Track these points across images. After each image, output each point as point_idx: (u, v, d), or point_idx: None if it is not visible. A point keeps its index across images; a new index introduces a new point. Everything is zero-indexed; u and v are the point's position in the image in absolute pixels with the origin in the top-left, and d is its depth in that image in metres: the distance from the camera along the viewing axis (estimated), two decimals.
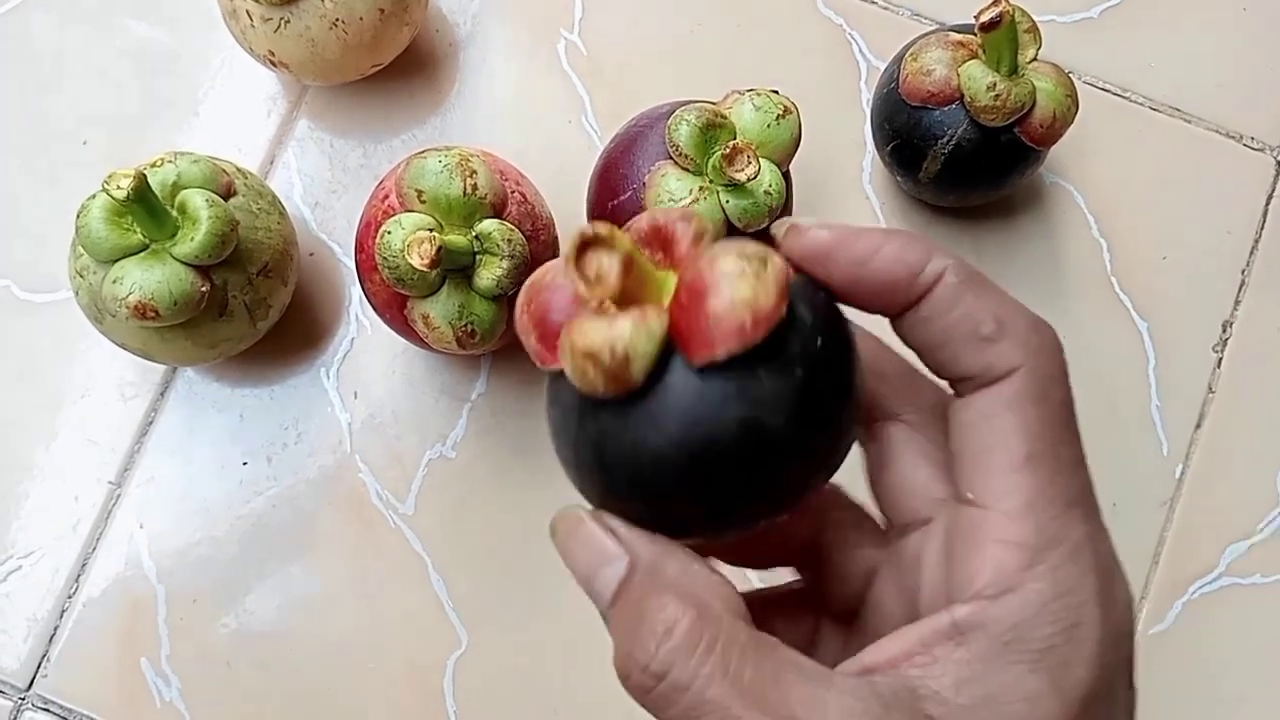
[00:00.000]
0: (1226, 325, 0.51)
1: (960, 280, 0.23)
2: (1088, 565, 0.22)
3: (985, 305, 0.23)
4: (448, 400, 0.49)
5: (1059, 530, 0.22)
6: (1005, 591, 0.22)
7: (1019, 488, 0.22)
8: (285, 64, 0.47)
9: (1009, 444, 0.22)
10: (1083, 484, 0.23)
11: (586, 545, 0.23)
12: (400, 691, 0.47)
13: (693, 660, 0.21)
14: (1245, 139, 0.53)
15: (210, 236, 0.41)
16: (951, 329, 0.23)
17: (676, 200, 0.41)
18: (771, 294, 0.21)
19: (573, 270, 0.21)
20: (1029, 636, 0.21)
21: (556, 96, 0.52)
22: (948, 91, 0.45)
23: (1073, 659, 0.21)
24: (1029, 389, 0.23)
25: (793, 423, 0.22)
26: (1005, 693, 0.21)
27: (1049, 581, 0.22)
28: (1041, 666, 0.21)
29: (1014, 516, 0.22)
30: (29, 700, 0.47)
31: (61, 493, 0.48)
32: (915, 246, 0.23)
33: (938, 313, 0.23)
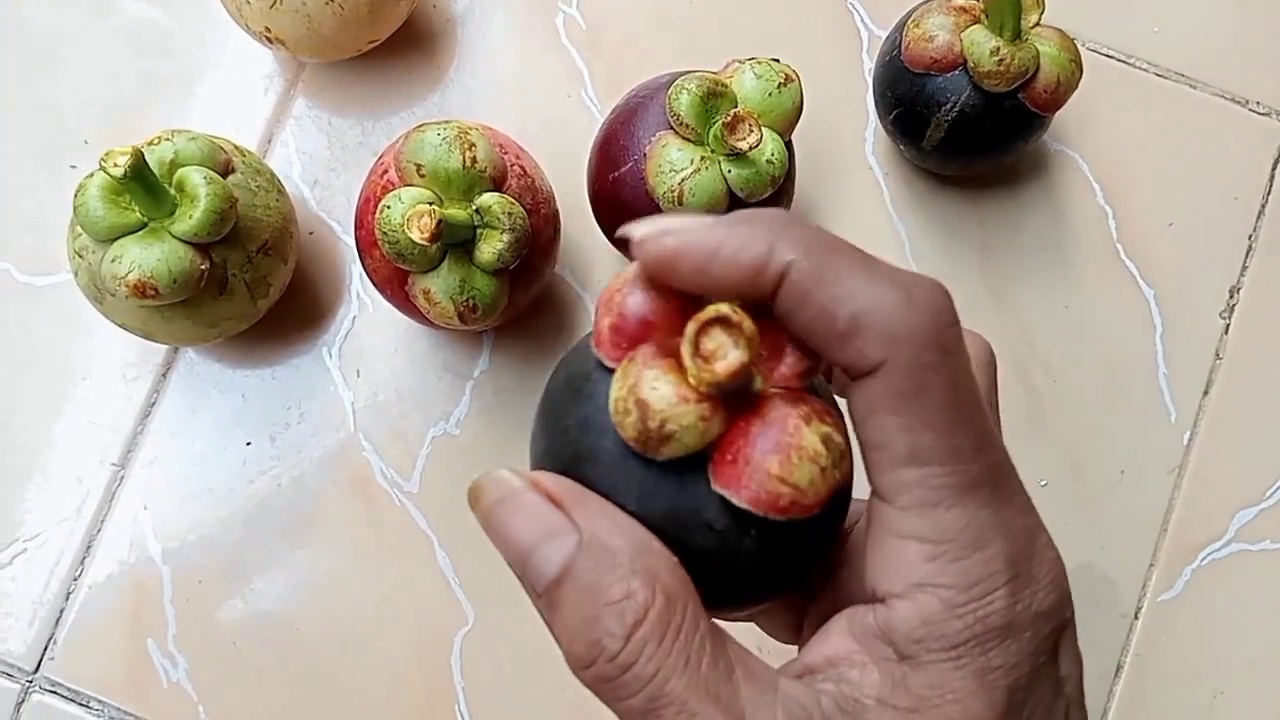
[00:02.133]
0: (1233, 291, 0.51)
1: (809, 270, 0.21)
2: (995, 552, 0.21)
3: (837, 297, 0.20)
4: (451, 377, 0.49)
5: (957, 520, 0.21)
6: (913, 589, 0.21)
7: (909, 483, 0.21)
8: (281, 40, 0.47)
9: (890, 441, 0.21)
10: (984, 466, 0.21)
11: (526, 516, 0.21)
12: (407, 669, 0.47)
13: (659, 650, 0.20)
14: (1251, 104, 0.53)
15: (209, 214, 0.41)
16: (810, 325, 0.21)
17: (678, 171, 0.41)
18: (820, 494, 0.21)
19: (692, 332, 0.20)
20: (943, 634, 0.21)
21: (555, 70, 0.52)
22: (950, 57, 0.44)
23: (991, 650, 0.21)
24: (899, 385, 0.20)
25: (766, 573, 0.22)
26: (934, 693, 0.21)
27: (952, 575, 0.21)
28: (963, 663, 0.20)
29: (909, 512, 0.21)
30: (36, 683, 0.47)
31: (65, 475, 0.48)
32: (756, 240, 0.21)
33: (792, 309, 0.21)
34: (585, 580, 0.21)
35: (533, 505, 0.21)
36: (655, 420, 0.20)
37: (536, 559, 0.21)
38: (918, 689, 0.21)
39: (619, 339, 0.22)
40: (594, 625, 0.20)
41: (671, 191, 0.41)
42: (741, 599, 0.23)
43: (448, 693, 0.47)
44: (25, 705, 0.46)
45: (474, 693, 0.47)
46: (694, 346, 0.20)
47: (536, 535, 0.21)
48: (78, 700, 0.46)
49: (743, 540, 0.21)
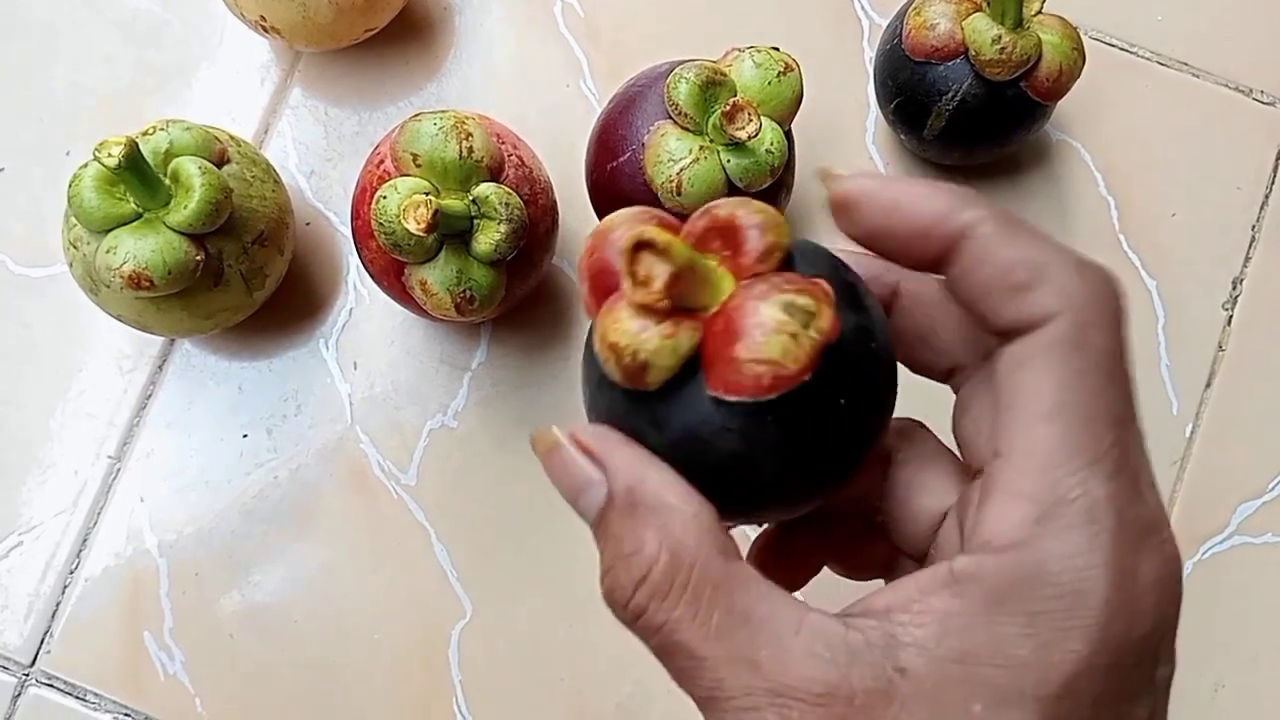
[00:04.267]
0: (1236, 282, 0.51)
1: (995, 230, 0.22)
2: (1104, 528, 0.20)
3: (1021, 253, 0.22)
4: (448, 370, 0.49)
5: (1076, 487, 0.20)
6: (1009, 547, 0.21)
7: (1039, 440, 0.21)
8: (277, 29, 0.46)
9: (1036, 394, 0.21)
10: (1118, 439, 0.21)
11: (565, 470, 0.23)
12: (405, 662, 0.47)
13: (665, 603, 0.21)
14: (1255, 93, 0.52)
15: (203, 204, 0.40)
16: (988, 281, 0.22)
17: (676, 160, 0.40)
18: (800, 360, 0.21)
19: (624, 265, 0.21)
20: (1025, 597, 0.20)
21: (554, 59, 0.52)
22: (952, 46, 0.44)
23: (1069, 630, 0.20)
24: (1063, 336, 0.21)
25: (788, 469, 0.22)
26: (986, 652, 0.20)
27: (1056, 541, 0.20)
28: (1032, 632, 0.20)
29: (1029, 470, 0.21)
30: (33, 676, 0.46)
31: (61, 468, 0.48)
32: (945, 195, 0.22)
33: (973, 265, 0.22)
34: (610, 531, 0.22)
35: (570, 459, 0.23)
36: (628, 356, 0.21)
37: (579, 508, 0.23)
38: (973, 644, 0.20)
39: (594, 300, 0.23)
40: (612, 574, 0.22)
41: (670, 181, 0.40)
42: (788, 495, 0.23)
43: (445, 685, 0.47)
44: (22, 698, 0.46)
45: (471, 685, 0.47)
46: (631, 277, 0.21)
47: (576, 486, 0.23)
48: (74, 693, 0.46)
49: (761, 434, 0.21)
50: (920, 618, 0.21)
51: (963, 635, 0.20)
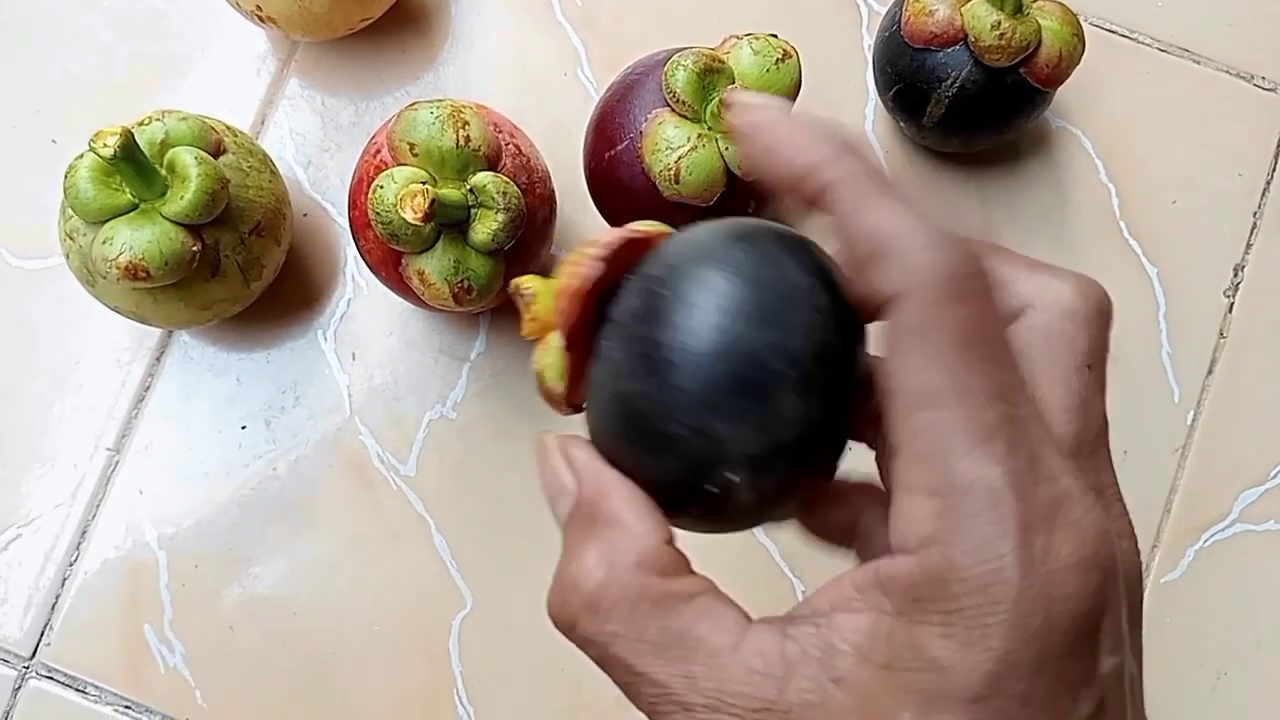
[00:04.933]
0: (1238, 269, 0.50)
1: (851, 195, 0.21)
2: (1006, 512, 0.19)
3: (871, 224, 0.20)
4: (447, 360, 0.49)
5: (968, 471, 0.19)
6: (919, 545, 0.20)
7: (918, 430, 0.20)
8: (273, 19, 0.46)
9: (905, 380, 0.20)
10: (1005, 414, 0.20)
11: (548, 473, 0.24)
12: (405, 653, 0.47)
13: (597, 617, 0.21)
14: (1256, 79, 0.52)
15: (200, 194, 0.40)
16: (842, 250, 0.21)
17: (674, 148, 0.40)
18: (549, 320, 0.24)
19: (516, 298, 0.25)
20: (940, 596, 0.19)
21: (551, 48, 0.51)
22: (951, 32, 0.44)
23: (985, 627, 0.19)
24: (916, 317, 0.20)
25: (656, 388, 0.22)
26: (909, 657, 0.19)
27: (961, 533, 0.19)
28: (950, 632, 0.19)
29: (918, 461, 0.20)
30: (33, 669, 0.46)
31: (60, 460, 0.48)
32: (819, 145, 0.21)
33: (835, 228, 0.21)
34: (566, 539, 0.23)
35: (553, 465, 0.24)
36: (543, 384, 0.24)
37: (554, 513, 0.24)
38: (897, 646, 0.19)
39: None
40: (554, 584, 0.22)
41: (668, 169, 0.40)
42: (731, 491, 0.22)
43: (446, 676, 0.46)
44: (22, 691, 0.46)
45: (472, 676, 0.46)
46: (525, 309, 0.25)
47: (553, 492, 0.24)
48: (74, 686, 0.46)
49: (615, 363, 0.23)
50: (855, 619, 0.20)
51: (889, 641, 0.20)
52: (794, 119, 0.22)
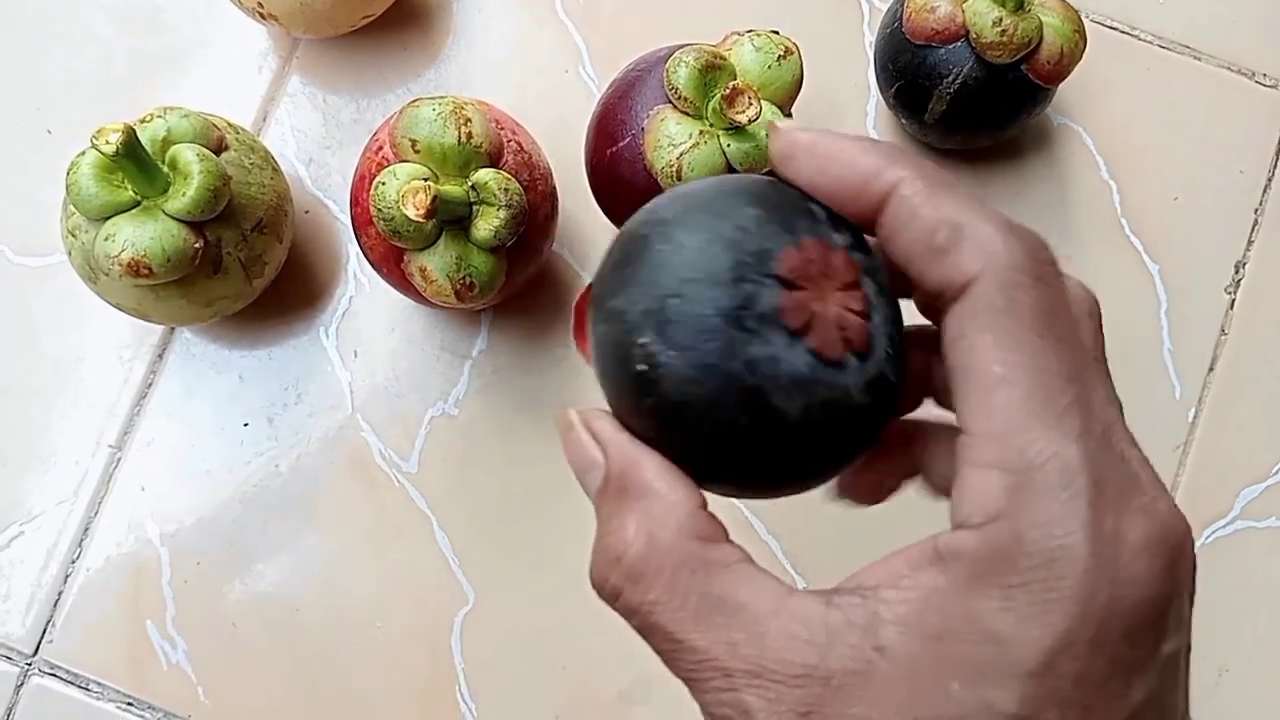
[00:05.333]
0: (1239, 266, 0.50)
1: (917, 190, 0.21)
2: (1079, 491, 0.19)
3: (941, 213, 0.21)
4: (449, 357, 0.49)
5: (1044, 450, 0.19)
6: (987, 521, 0.20)
7: (994, 406, 0.20)
8: (275, 16, 0.46)
9: (978, 361, 0.20)
10: (1077, 395, 0.20)
11: (574, 448, 0.24)
12: (408, 650, 0.47)
13: (640, 586, 0.22)
14: (1257, 76, 0.52)
15: (202, 191, 0.40)
16: (912, 242, 0.21)
17: (676, 145, 0.40)
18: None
19: None
20: (1003, 571, 0.19)
21: (552, 45, 0.51)
22: (952, 28, 0.44)
23: (1047, 603, 0.19)
24: (989, 298, 0.20)
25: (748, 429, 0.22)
26: (964, 629, 0.19)
27: (1031, 510, 0.19)
28: (1010, 606, 0.19)
29: (992, 439, 0.20)
30: (35, 666, 0.46)
31: (62, 457, 0.48)
32: (873, 153, 0.22)
33: (897, 226, 0.22)
34: (601, 512, 0.23)
35: (580, 440, 0.24)
36: None
37: (584, 487, 0.24)
38: (951, 618, 0.19)
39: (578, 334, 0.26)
40: (595, 554, 0.23)
41: (670, 166, 0.40)
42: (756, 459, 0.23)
43: (449, 673, 0.47)
44: (25, 688, 0.46)
45: (475, 673, 0.47)
46: None
47: (583, 466, 0.24)
48: (77, 683, 0.46)
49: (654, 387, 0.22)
50: (905, 594, 0.20)
51: (942, 612, 0.20)
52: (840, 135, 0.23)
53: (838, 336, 0.21)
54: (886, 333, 0.22)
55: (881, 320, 0.22)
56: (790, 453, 0.22)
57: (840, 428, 0.22)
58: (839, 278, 0.22)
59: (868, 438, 0.23)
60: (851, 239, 0.23)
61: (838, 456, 0.23)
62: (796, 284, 0.21)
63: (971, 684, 0.19)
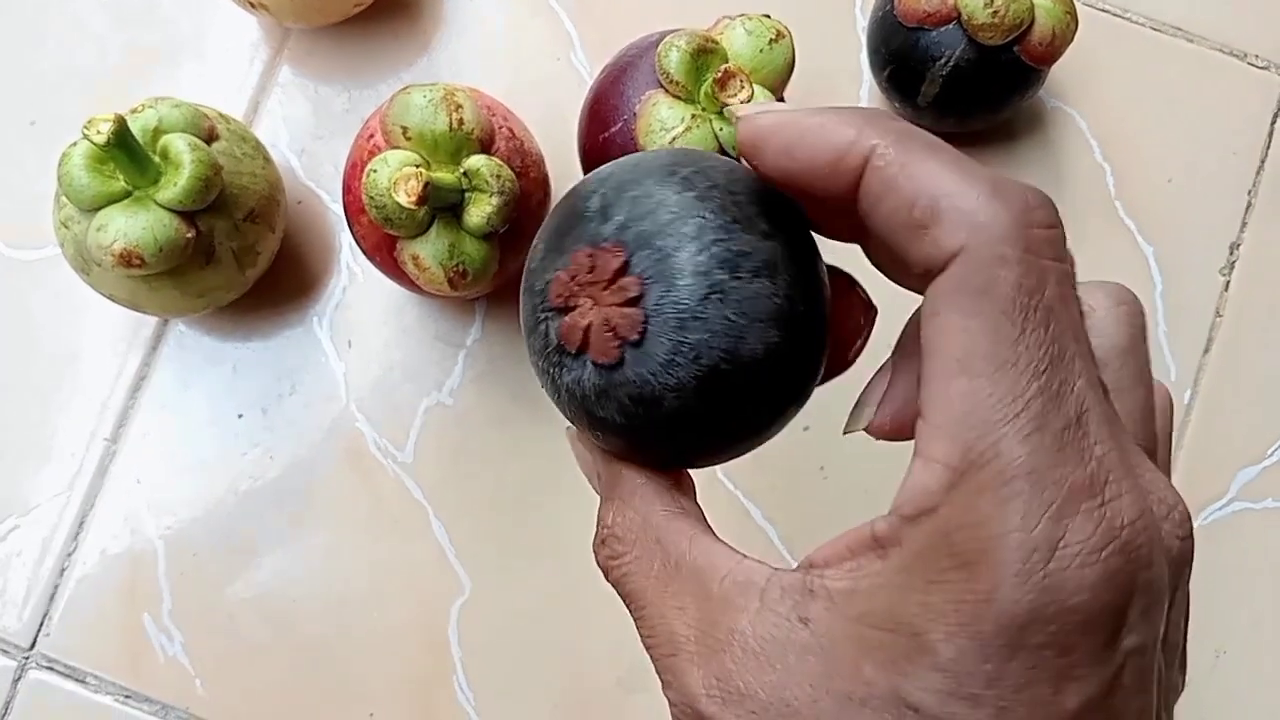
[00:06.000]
0: (1233, 248, 0.50)
1: (890, 161, 0.20)
2: (1016, 493, 0.18)
3: (921, 183, 0.19)
4: (443, 347, 0.49)
5: (989, 449, 0.18)
6: (920, 514, 0.19)
7: (949, 398, 0.19)
8: (265, 6, 0.46)
9: (945, 346, 0.19)
10: (1042, 389, 0.18)
11: (581, 461, 0.27)
12: (405, 640, 0.47)
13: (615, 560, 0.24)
14: (1250, 58, 0.52)
15: (193, 181, 0.40)
16: (890, 216, 0.20)
17: (668, 129, 0.40)
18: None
19: None
20: (929, 566, 0.19)
21: (543, 32, 0.51)
22: (944, 11, 0.43)
23: (963, 604, 0.18)
24: (966, 279, 0.19)
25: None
26: (884, 616, 0.19)
27: (963, 509, 0.18)
28: (929, 602, 0.19)
29: (941, 431, 0.19)
30: (33, 659, 0.46)
31: (57, 450, 0.48)
32: (843, 124, 0.20)
33: (874, 199, 0.20)
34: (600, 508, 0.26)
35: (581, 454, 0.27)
36: None
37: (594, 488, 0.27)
38: (875, 603, 0.19)
39: None
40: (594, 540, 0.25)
41: None
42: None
43: (446, 663, 0.46)
44: (22, 681, 0.46)
45: (472, 662, 0.46)
46: None
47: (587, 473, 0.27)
48: (74, 676, 0.46)
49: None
50: (840, 573, 0.20)
51: (869, 596, 0.19)
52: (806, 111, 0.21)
53: (606, 341, 0.22)
54: (681, 295, 0.21)
55: (673, 284, 0.21)
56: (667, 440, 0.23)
57: (673, 412, 0.22)
58: (605, 275, 0.22)
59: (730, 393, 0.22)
60: (627, 215, 0.22)
61: (717, 427, 0.23)
62: (568, 306, 0.22)
63: (884, 669, 0.19)
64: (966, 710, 0.18)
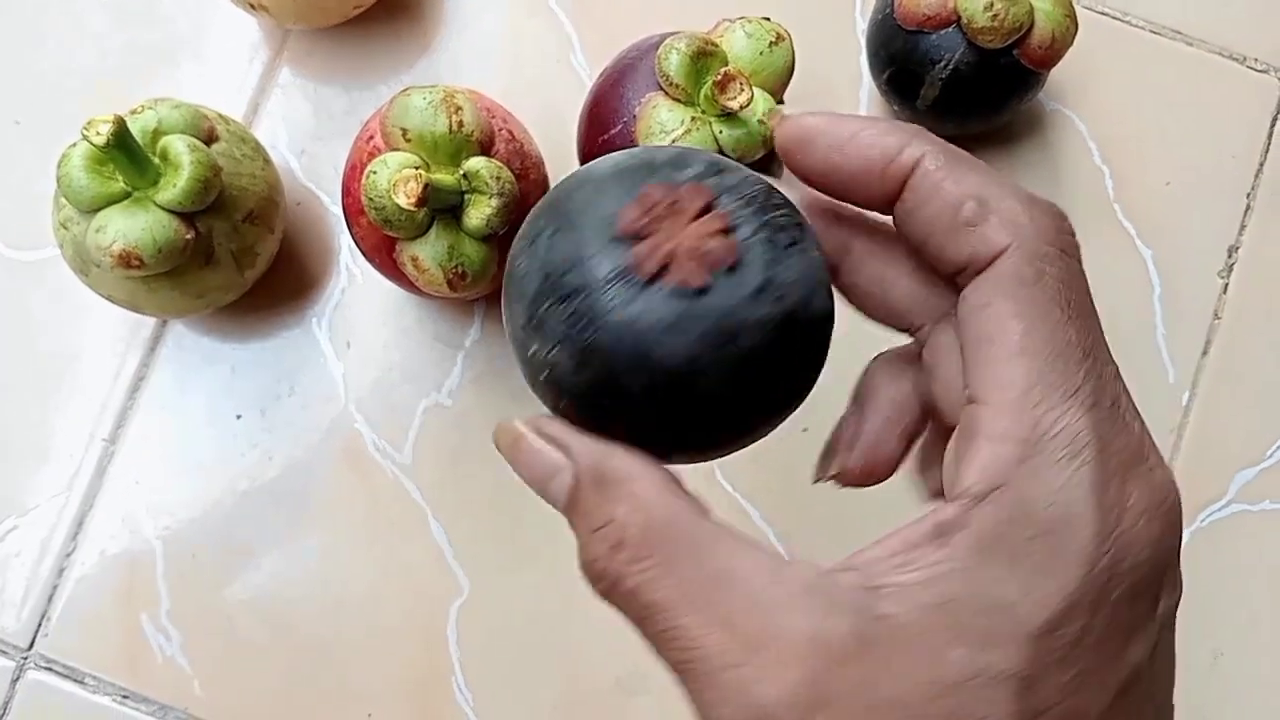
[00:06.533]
0: (1232, 250, 0.50)
1: (940, 165, 0.22)
2: (1087, 459, 0.20)
3: (967, 187, 0.22)
4: (442, 348, 0.49)
5: (1056, 422, 0.20)
6: (993, 491, 0.20)
7: (1013, 378, 0.21)
8: (265, 7, 0.46)
9: (1002, 332, 0.21)
10: (1090, 368, 0.21)
11: (531, 460, 0.23)
12: (403, 641, 0.47)
13: (637, 566, 0.21)
14: (1249, 61, 0.52)
15: (193, 182, 0.40)
16: (935, 217, 0.22)
17: (668, 132, 0.40)
18: None
19: None
20: (1009, 540, 0.20)
21: (544, 35, 0.51)
22: (944, 14, 0.43)
23: (1053, 568, 0.20)
24: (1018, 270, 0.21)
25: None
26: (968, 598, 0.20)
27: (1039, 479, 0.20)
28: (1016, 574, 0.20)
29: (1006, 409, 0.21)
30: (31, 660, 0.46)
31: (56, 451, 0.48)
32: (893, 132, 0.23)
33: (920, 201, 0.22)
34: (580, 509, 0.22)
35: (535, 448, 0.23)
36: None
37: (550, 495, 0.23)
38: (956, 590, 0.20)
39: None
40: (588, 548, 0.22)
41: None
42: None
43: (444, 664, 0.46)
44: (20, 682, 0.46)
45: (470, 663, 0.47)
46: None
47: (544, 474, 0.23)
48: (73, 677, 0.46)
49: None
50: (903, 569, 0.20)
51: (946, 583, 0.20)
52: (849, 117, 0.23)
53: (697, 264, 0.21)
54: (768, 237, 0.22)
55: (759, 228, 0.22)
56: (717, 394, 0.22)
57: (744, 353, 0.21)
58: (689, 210, 0.22)
59: (794, 346, 0.22)
60: (704, 169, 0.23)
61: (778, 376, 0.22)
62: (641, 234, 0.21)
63: (975, 650, 0.19)
64: (1058, 673, 0.20)
